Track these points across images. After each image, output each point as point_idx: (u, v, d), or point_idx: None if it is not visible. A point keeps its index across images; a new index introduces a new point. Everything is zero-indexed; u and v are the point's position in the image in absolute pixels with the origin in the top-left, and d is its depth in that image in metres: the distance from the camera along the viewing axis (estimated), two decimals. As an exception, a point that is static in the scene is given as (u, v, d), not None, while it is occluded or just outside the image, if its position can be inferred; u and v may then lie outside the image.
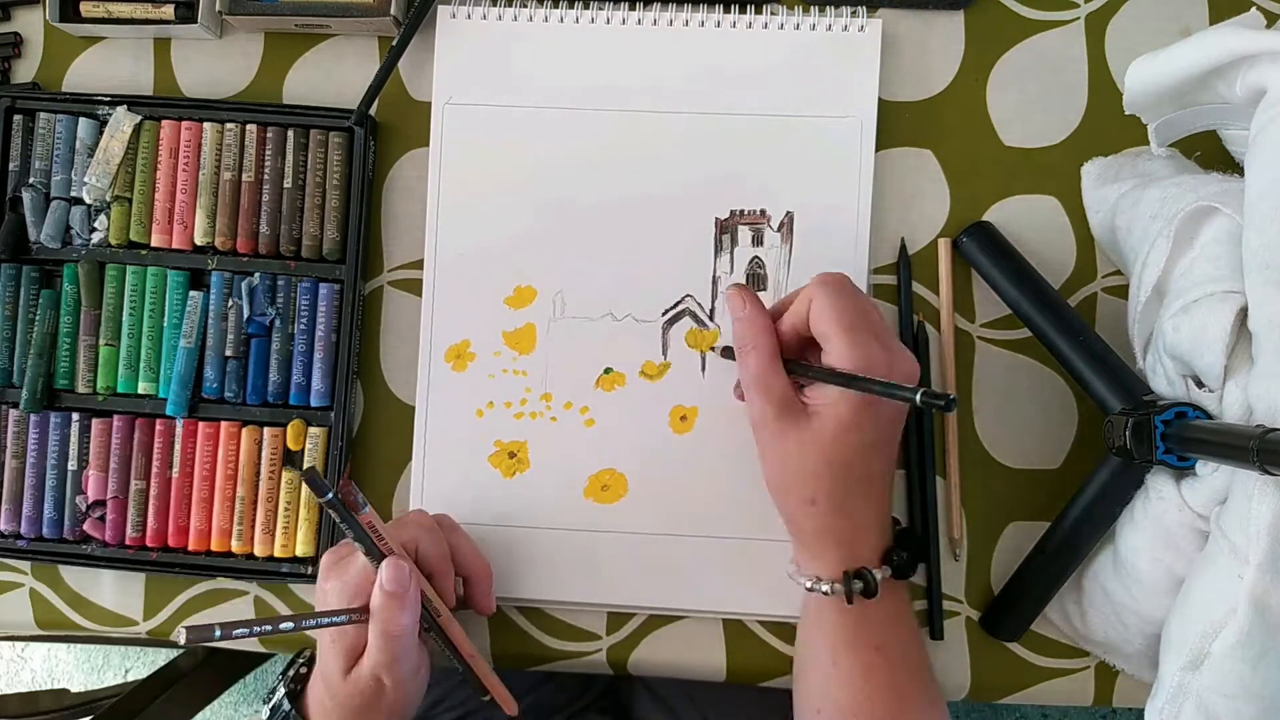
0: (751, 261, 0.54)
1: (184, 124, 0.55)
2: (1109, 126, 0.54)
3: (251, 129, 0.54)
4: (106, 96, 0.55)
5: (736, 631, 0.54)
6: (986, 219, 0.54)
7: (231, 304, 0.54)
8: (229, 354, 0.54)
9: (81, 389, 0.55)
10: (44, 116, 0.55)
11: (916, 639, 0.49)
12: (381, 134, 0.56)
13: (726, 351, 0.52)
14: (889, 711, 0.46)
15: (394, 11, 0.54)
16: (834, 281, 0.46)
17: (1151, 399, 0.45)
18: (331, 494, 0.42)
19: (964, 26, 0.55)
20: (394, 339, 0.56)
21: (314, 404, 0.54)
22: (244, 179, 0.54)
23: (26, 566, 0.56)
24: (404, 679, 0.46)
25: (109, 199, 0.55)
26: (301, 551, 0.54)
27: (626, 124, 0.54)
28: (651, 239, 0.54)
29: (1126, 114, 0.51)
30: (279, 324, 0.54)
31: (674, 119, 0.54)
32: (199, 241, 0.54)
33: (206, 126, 0.55)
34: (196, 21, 0.55)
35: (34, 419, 0.55)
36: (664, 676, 0.55)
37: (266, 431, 0.54)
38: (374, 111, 0.55)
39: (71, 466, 0.55)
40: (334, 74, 0.56)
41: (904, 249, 0.54)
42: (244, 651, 0.57)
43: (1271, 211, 0.39)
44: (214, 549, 0.54)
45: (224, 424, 0.54)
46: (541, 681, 0.69)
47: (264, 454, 0.54)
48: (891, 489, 0.48)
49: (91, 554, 0.54)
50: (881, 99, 0.54)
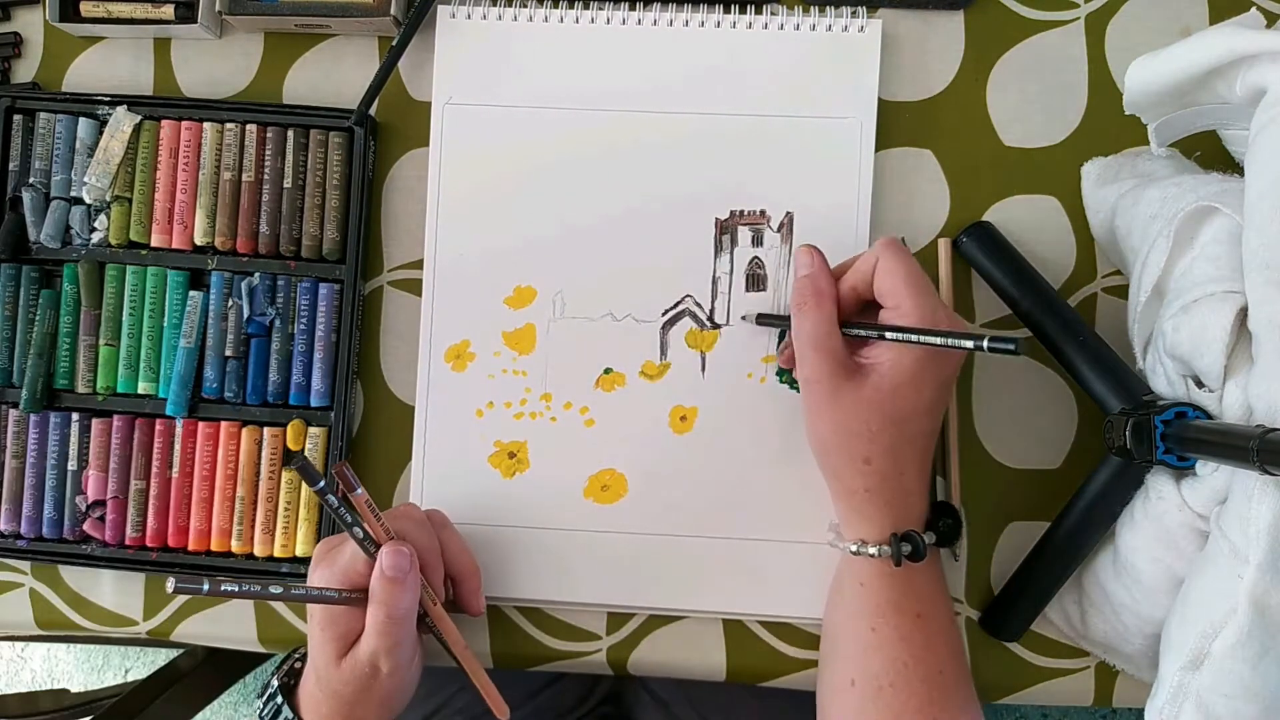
0: (751, 262, 0.54)
1: (184, 124, 0.55)
2: (1109, 126, 0.54)
3: (251, 129, 0.54)
4: (106, 96, 0.55)
5: (736, 631, 0.54)
6: (986, 219, 0.54)
7: (231, 304, 0.54)
8: (229, 354, 0.54)
9: (81, 389, 0.55)
10: (44, 116, 0.55)
11: (952, 611, 0.49)
12: (381, 134, 0.56)
13: (762, 318, 0.53)
14: (926, 681, 0.46)
15: (394, 11, 0.54)
16: (898, 244, 0.47)
17: (1151, 399, 0.45)
18: (323, 482, 0.42)
19: (964, 26, 0.55)
20: (394, 339, 0.56)
21: (314, 404, 0.54)
22: (244, 179, 0.54)
23: (26, 566, 0.56)
24: (400, 666, 0.46)
25: (109, 199, 0.55)
26: (301, 551, 0.54)
27: (626, 124, 0.54)
28: (651, 239, 0.54)
29: (1126, 114, 0.51)
30: (279, 324, 0.54)
31: (674, 119, 0.54)
32: (199, 241, 0.54)
33: (206, 126, 0.55)
34: (196, 21, 0.55)
35: (34, 419, 0.55)
36: (664, 677, 0.55)
37: (266, 431, 0.54)
38: (374, 111, 0.55)
39: (71, 466, 0.55)
40: (334, 74, 0.56)
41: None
42: (244, 652, 0.57)
43: (1271, 211, 0.39)
44: (214, 549, 0.54)
45: (224, 424, 0.54)
46: (544, 686, 0.69)
47: (264, 454, 0.54)
48: (932, 457, 0.48)
49: (91, 554, 0.54)
50: (881, 99, 0.54)
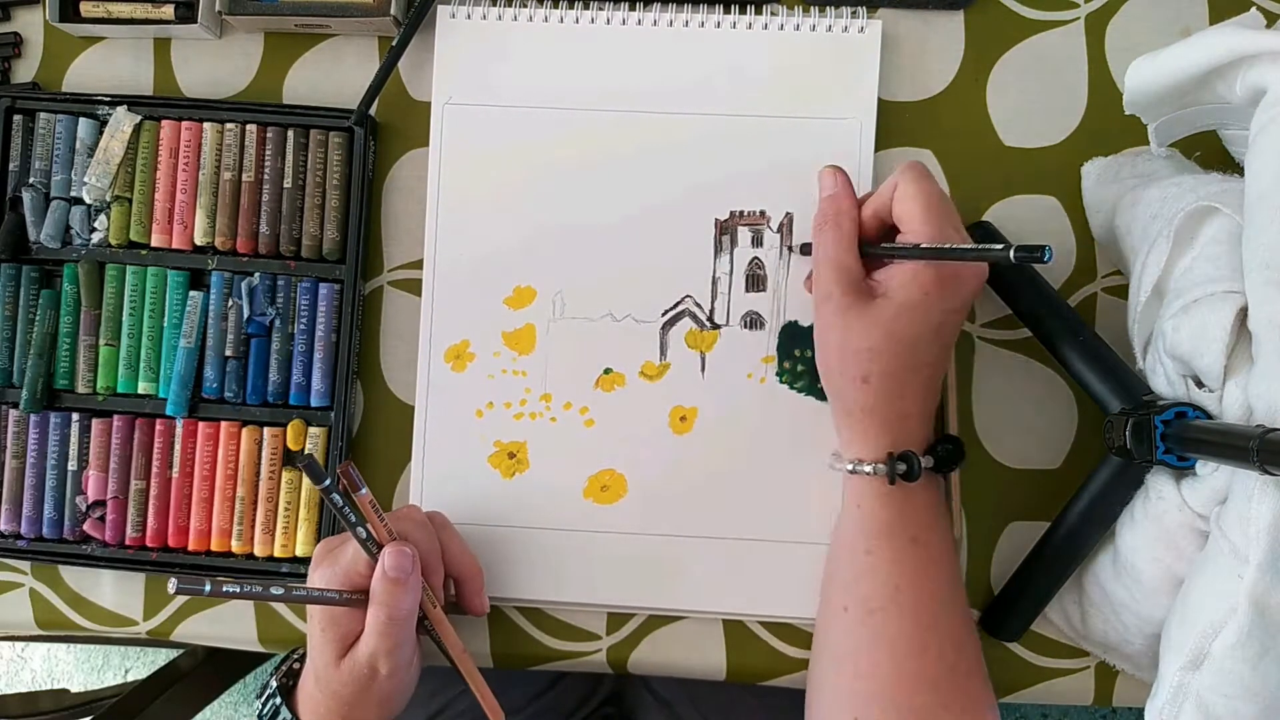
0: (751, 262, 0.54)
1: (184, 124, 0.55)
2: (1109, 126, 0.54)
3: (251, 129, 0.54)
4: (106, 96, 0.55)
5: (736, 631, 0.54)
6: (986, 219, 0.54)
7: (231, 304, 0.54)
8: (229, 354, 0.54)
9: (81, 389, 0.55)
10: (44, 116, 0.55)
11: (951, 541, 0.48)
12: (381, 134, 0.56)
13: (805, 248, 0.53)
14: (917, 607, 0.46)
15: (394, 11, 0.54)
16: (919, 167, 0.47)
17: (1151, 399, 0.45)
18: (328, 481, 0.42)
19: (964, 26, 0.55)
20: (394, 339, 0.56)
21: (314, 404, 0.54)
22: (244, 179, 0.54)
23: (26, 566, 0.56)
24: (400, 667, 0.46)
25: (109, 199, 0.55)
26: (301, 551, 0.54)
27: (626, 125, 0.54)
28: (651, 240, 0.54)
29: (1126, 114, 0.51)
30: (279, 324, 0.54)
31: (674, 119, 0.54)
32: (199, 241, 0.54)
33: (206, 126, 0.55)
34: (196, 21, 0.55)
35: (34, 419, 0.55)
36: (666, 677, 0.55)
37: (266, 431, 0.54)
38: (374, 111, 0.55)
39: (71, 466, 0.55)
40: (334, 74, 0.56)
41: None
42: (244, 652, 0.57)
43: (1271, 211, 0.39)
44: (214, 549, 0.54)
45: (224, 424, 0.54)
46: (547, 687, 0.69)
47: (264, 454, 0.54)
48: (940, 386, 0.48)
49: (91, 554, 0.54)
50: (881, 99, 0.54)
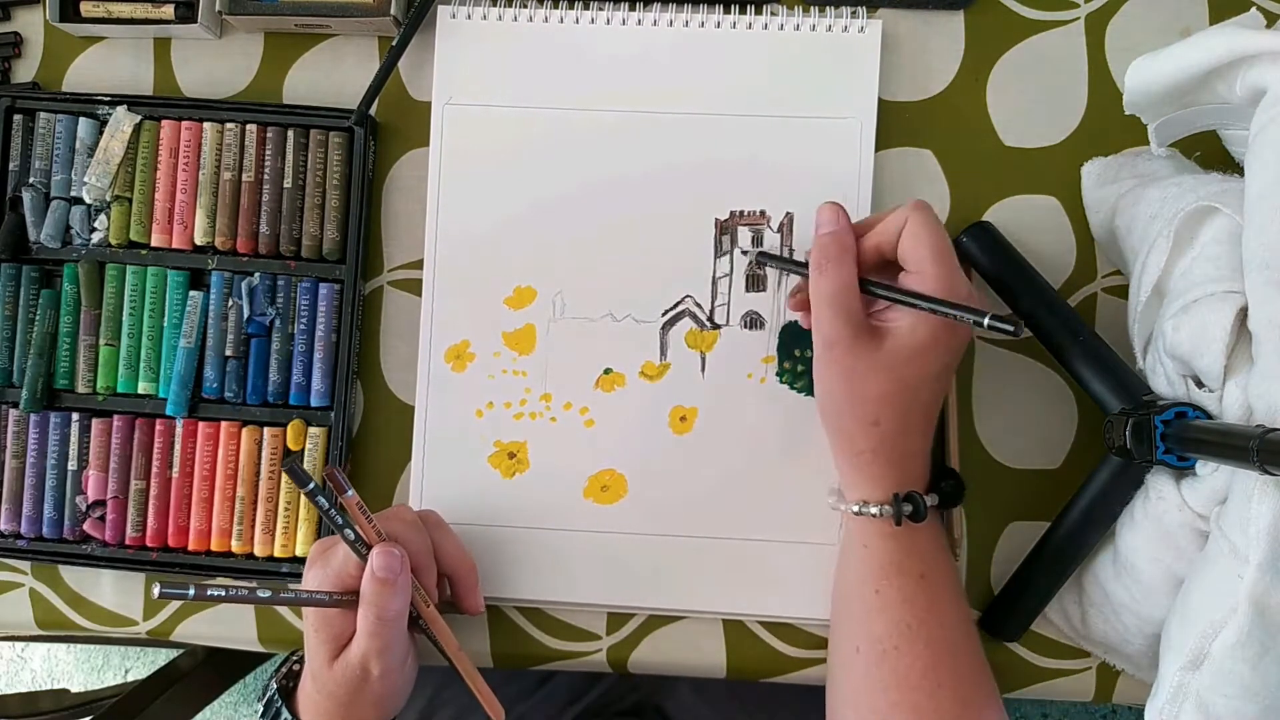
0: (751, 263, 0.54)
1: (184, 124, 0.55)
2: (1109, 126, 0.54)
3: (251, 129, 0.54)
4: (106, 96, 0.55)
5: (736, 631, 0.54)
6: (986, 219, 0.54)
7: (231, 304, 0.54)
8: (229, 354, 0.54)
9: (81, 389, 0.55)
10: (44, 116, 0.55)
11: (956, 575, 0.49)
12: (381, 134, 0.56)
13: (763, 257, 0.53)
14: (931, 644, 0.46)
15: (394, 11, 0.54)
16: (928, 209, 0.47)
17: (1151, 399, 0.45)
18: (313, 484, 0.42)
19: (964, 26, 0.55)
20: (394, 339, 0.56)
21: (314, 404, 0.54)
22: (244, 179, 0.54)
23: (26, 566, 0.56)
24: (392, 668, 0.46)
25: (109, 199, 0.55)
26: (301, 551, 0.54)
27: (626, 125, 0.54)
28: (651, 239, 0.54)
29: (1126, 114, 0.51)
30: (279, 324, 0.54)
31: (674, 119, 0.54)
32: (199, 241, 0.54)
33: (206, 126, 0.55)
34: (196, 21, 0.55)
35: (34, 419, 0.55)
36: (668, 675, 0.55)
37: (266, 431, 0.54)
38: (374, 111, 0.55)
39: (71, 466, 0.55)
40: (334, 74, 0.56)
41: None
42: (244, 652, 0.57)
43: (1271, 211, 0.39)
44: (214, 549, 0.54)
45: (224, 424, 0.54)
46: (537, 685, 0.68)
47: (264, 454, 0.54)
48: (936, 422, 0.49)
49: (91, 554, 0.54)
50: (881, 99, 0.54)
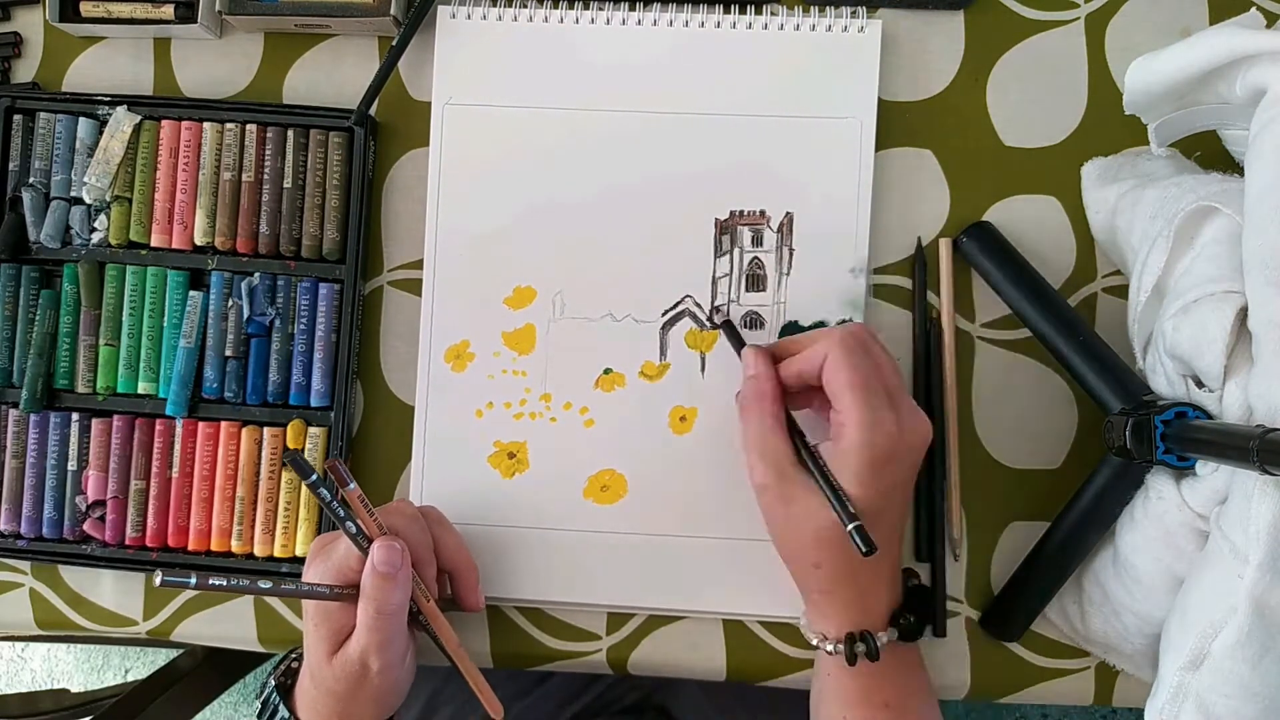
0: (751, 262, 0.54)
1: (184, 124, 0.55)
2: (1109, 126, 0.54)
3: (251, 129, 0.54)
4: (106, 96, 0.55)
5: (736, 631, 0.54)
6: (986, 219, 0.54)
7: (231, 304, 0.54)
8: (229, 354, 0.54)
9: (81, 389, 0.55)
10: (44, 116, 0.55)
11: (927, 693, 0.49)
12: (381, 134, 0.56)
13: (726, 327, 0.52)
14: None
15: (394, 11, 0.54)
16: (851, 340, 0.45)
17: (1151, 399, 0.45)
18: (315, 475, 0.42)
19: (964, 26, 0.55)
20: (394, 339, 0.56)
21: (314, 404, 0.54)
22: (244, 179, 0.54)
23: (26, 566, 0.56)
24: (391, 664, 0.46)
25: (109, 199, 0.55)
26: (301, 551, 0.54)
27: (626, 124, 0.54)
28: (651, 240, 0.54)
29: (1126, 114, 0.51)
30: (279, 324, 0.54)
31: (673, 119, 0.54)
32: (199, 241, 0.54)
33: (206, 126, 0.55)
34: (196, 21, 0.55)
35: (34, 419, 0.55)
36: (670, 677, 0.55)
37: (266, 431, 0.54)
38: (374, 111, 0.55)
39: (71, 466, 0.55)
40: (334, 74, 0.56)
41: (920, 249, 0.54)
42: (244, 652, 0.57)
43: (1271, 211, 0.39)
44: (214, 549, 0.54)
45: (224, 424, 0.54)
46: (535, 684, 0.68)
47: (264, 454, 0.54)
48: (903, 537, 0.48)
49: (91, 554, 0.54)
50: (881, 99, 0.54)
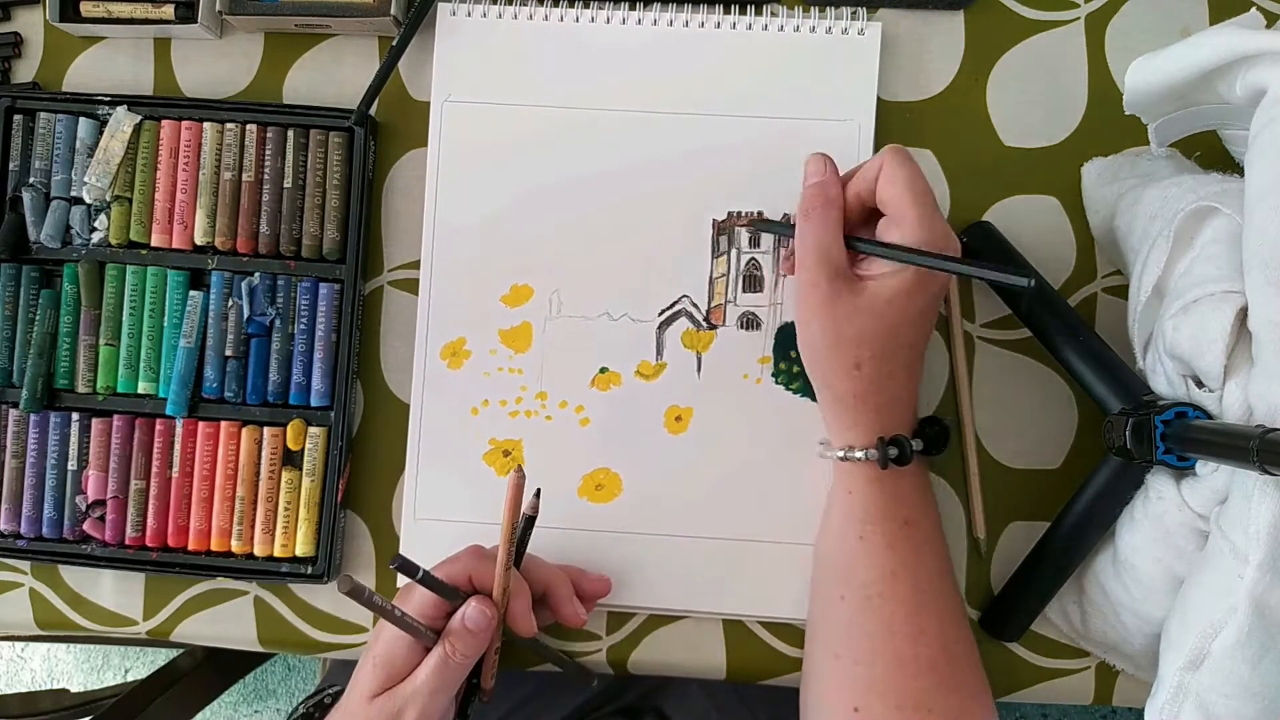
0: (748, 263, 0.54)
1: (184, 124, 0.55)
2: (1109, 126, 0.54)
3: (251, 129, 0.54)
4: (106, 96, 0.55)
5: (736, 631, 0.54)
6: (986, 219, 0.54)
7: (231, 304, 0.54)
8: (229, 354, 0.54)
9: (81, 389, 0.55)
10: (44, 116, 0.55)
11: (939, 523, 0.49)
12: (381, 134, 0.56)
13: (760, 223, 0.53)
14: (915, 589, 0.46)
15: (394, 11, 0.54)
16: (904, 152, 0.46)
17: (1151, 399, 0.45)
18: (423, 572, 0.43)
19: (964, 26, 0.55)
20: (394, 339, 0.56)
21: (314, 404, 0.54)
22: (244, 179, 0.54)
23: (26, 566, 0.56)
24: (427, 715, 0.45)
25: (109, 199, 0.55)
26: (301, 551, 0.54)
27: (625, 124, 0.54)
28: (649, 239, 0.54)
29: (1126, 114, 0.51)
30: (279, 324, 0.54)
31: (672, 120, 0.54)
32: (199, 241, 0.54)
33: (206, 126, 0.55)
34: (196, 21, 0.55)
35: (34, 419, 0.55)
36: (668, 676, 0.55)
37: (266, 431, 0.54)
38: (374, 111, 0.55)
39: (71, 466, 0.55)
40: (334, 74, 0.57)
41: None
42: (243, 652, 0.57)
43: (1271, 212, 0.39)
44: (214, 549, 0.54)
45: (224, 424, 0.54)
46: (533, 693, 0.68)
47: (264, 454, 0.54)
48: (921, 367, 0.48)
49: (91, 554, 0.54)
50: (881, 99, 0.54)
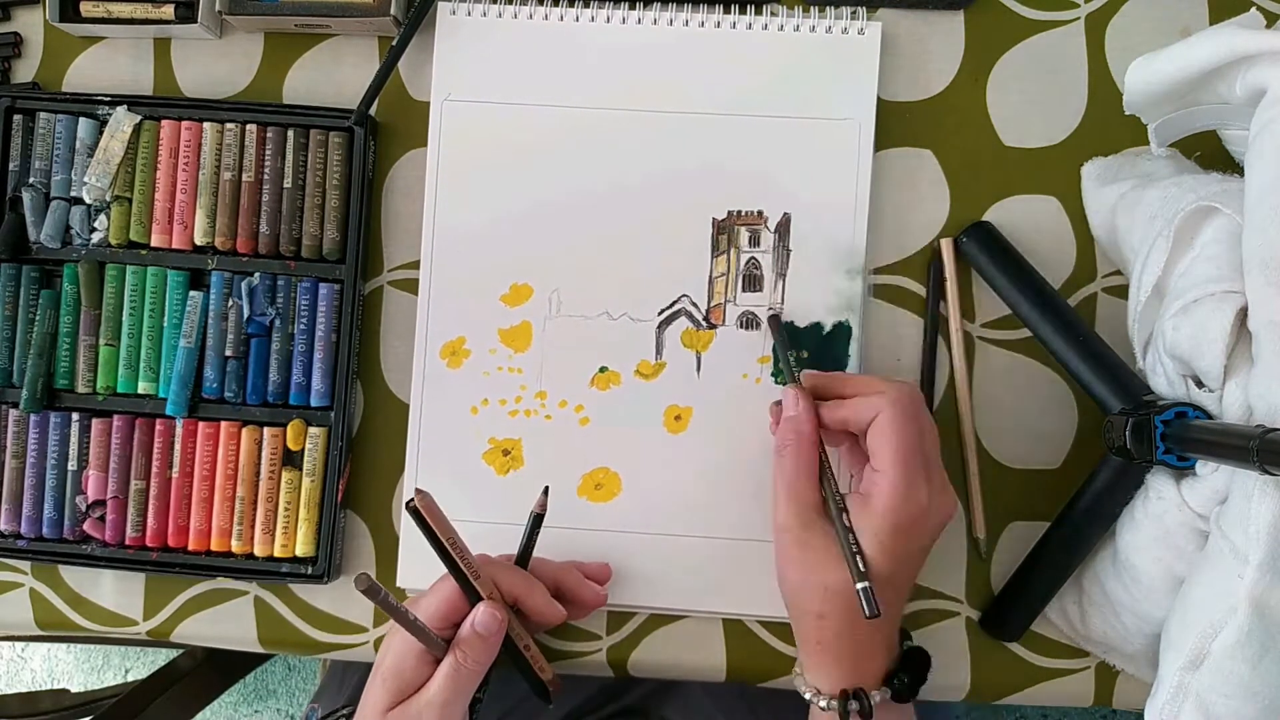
0: (748, 263, 0.54)
1: (184, 124, 0.55)
2: (1109, 126, 0.54)
3: (251, 129, 0.54)
4: (106, 96, 0.55)
5: (736, 631, 0.54)
6: (986, 219, 0.54)
7: (231, 304, 0.54)
8: (229, 354, 0.54)
9: (81, 389, 0.55)
10: (44, 116, 0.55)
11: None
12: (381, 134, 0.56)
13: (774, 321, 0.53)
14: None
15: (394, 11, 0.54)
16: (908, 403, 0.45)
17: (1151, 399, 0.45)
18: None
19: (964, 26, 0.55)
20: (394, 339, 0.56)
21: (314, 404, 0.54)
22: (244, 179, 0.54)
23: (26, 566, 0.56)
24: None
25: (109, 199, 0.55)
26: (301, 551, 0.54)
27: (625, 123, 0.54)
28: (648, 239, 0.54)
29: (1126, 114, 0.51)
30: (279, 324, 0.54)
31: (672, 119, 0.54)
32: (199, 241, 0.54)
33: (206, 126, 0.55)
34: (196, 21, 0.55)
35: (34, 419, 0.55)
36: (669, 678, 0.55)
37: (266, 431, 0.54)
38: (374, 111, 0.55)
39: (71, 466, 0.55)
40: (334, 74, 0.56)
41: (938, 253, 0.54)
42: (243, 652, 0.57)
43: (1271, 212, 0.39)
44: (214, 549, 0.54)
45: (224, 424, 0.54)
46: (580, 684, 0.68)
47: (264, 454, 0.54)
48: (906, 601, 0.48)
49: (91, 554, 0.54)
50: (881, 99, 0.54)
